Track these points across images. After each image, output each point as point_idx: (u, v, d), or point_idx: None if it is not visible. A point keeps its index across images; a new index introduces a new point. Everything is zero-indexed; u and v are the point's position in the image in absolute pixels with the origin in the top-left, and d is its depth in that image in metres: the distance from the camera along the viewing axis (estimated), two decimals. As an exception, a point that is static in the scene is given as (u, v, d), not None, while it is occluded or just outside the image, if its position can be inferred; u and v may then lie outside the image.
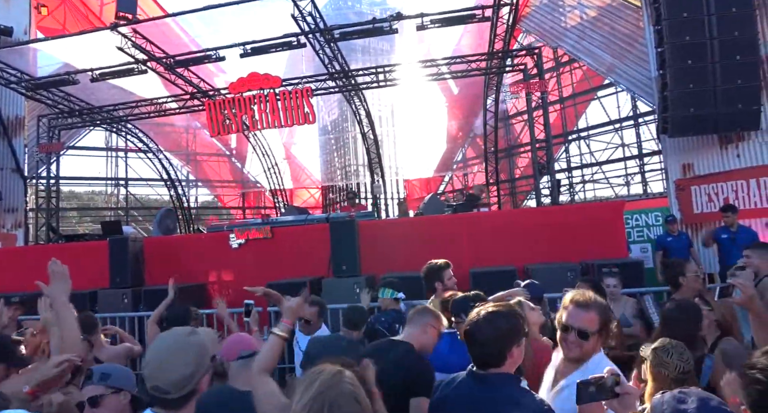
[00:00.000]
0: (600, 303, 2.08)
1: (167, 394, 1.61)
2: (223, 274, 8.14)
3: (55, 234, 12.97)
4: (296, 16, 9.49)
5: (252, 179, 20.95)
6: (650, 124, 14.05)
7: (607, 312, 2.07)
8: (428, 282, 3.82)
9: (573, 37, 12.45)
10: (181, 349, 1.66)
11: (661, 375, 2.13)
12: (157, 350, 1.68)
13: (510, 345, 1.91)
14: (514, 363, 1.95)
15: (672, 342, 2.22)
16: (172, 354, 1.65)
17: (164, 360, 1.64)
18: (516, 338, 1.93)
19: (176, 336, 1.72)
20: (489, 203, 14.80)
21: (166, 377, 1.60)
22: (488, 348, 1.93)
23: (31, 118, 13.63)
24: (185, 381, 1.62)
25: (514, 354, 1.93)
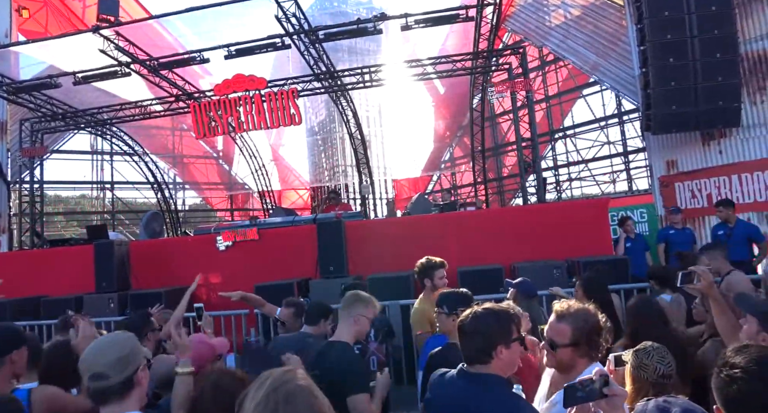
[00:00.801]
0: (577, 314, 1.98)
1: (107, 379, 1.64)
2: (210, 277, 8.09)
3: (39, 239, 12.80)
4: (280, 17, 9.45)
5: (240, 181, 20.84)
6: (635, 122, 14.21)
7: (588, 323, 1.95)
8: (420, 279, 3.83)
9: (557, 36, 12.51)
10: (115, 340, 1.78)
11: (640, 378, 2.09)
12: (93, 345, 1.78)
13: (496, 343, 1.92)
14: (503, 365, 1.95)
15: (654, 345, 2.18)
16: (107, 344, 1.75)
17: (99, 348, 1.73)
18: (503, 338, 1.94)
19: (111, 333, 1.91)
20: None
21: (102, 360, 1.67)
22: (474, 343, 1.97)
23: (14, 122, 13.43)
24: (122, 363, 1.67)
25: (502, 355, 1.93)
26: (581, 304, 2.04)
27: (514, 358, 1.97)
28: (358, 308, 2.83)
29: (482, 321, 1.98)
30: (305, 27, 9.88)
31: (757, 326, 2.11)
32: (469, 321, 2.02)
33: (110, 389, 1.64)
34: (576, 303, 2.05)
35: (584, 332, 1.94)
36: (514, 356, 1.97)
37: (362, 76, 12.09)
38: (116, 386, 1.64)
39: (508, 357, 1.94)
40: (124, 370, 1.66)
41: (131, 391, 1.69)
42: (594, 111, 15.95)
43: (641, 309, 2.97)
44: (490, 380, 1.92)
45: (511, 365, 1.98)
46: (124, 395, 1.66)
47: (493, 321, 1.97)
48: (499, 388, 1.91)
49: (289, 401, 1.23)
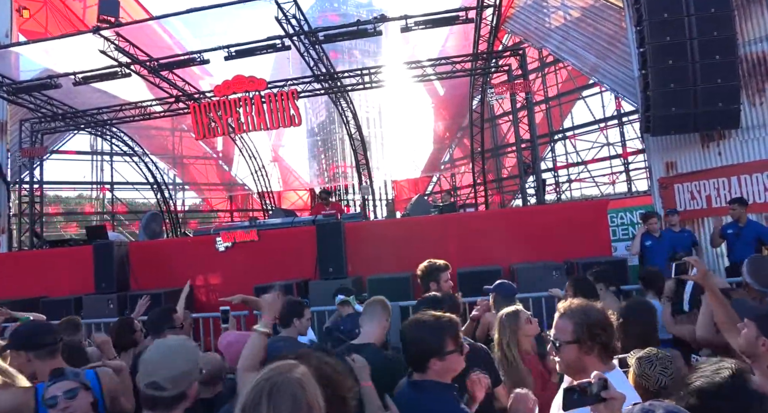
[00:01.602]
0: (578, 309, 1.94)
1: (163, 391, 1.64)
2: (210, 278, 8.11)
3: (39, 239, 12.80)
4: (280, 19, 9.46)
5: (239, 182, 20.84)
6: (634, 123, 14.23)
7: (590, 317, 1.91)
8: (424, 282, 3.80)
9: (557, 38, 12.54)
10: (181, 348, 1.76)
11: (641, 387, 2.06)
12: (157, 349, 1.75)
13: (428, 356, 2.01)
14: (441, 372, 2.02)
15: (658, 354, 2.14)
16: (173, 352, 1.73)
17: (165, 356, 1.71)
18: (434, 352, 2.01)
19: (175, 338, 1.85)
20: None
21: (164, 373, 1.66)
22: (409, 353, 2.09)
23: (14, 123, 13.43)
24: (182, 378, 1.68)
25: (436, 366, 2.01)
26: (585, 301, 2.02)
27: (450, 367, 2.04)
28: (385, 314, 2.87)
29: (416, 333, 2.07)
30: (305, 28, 9.89)
31: (755, 331, 2.11)
32: (406, 330, 2.11)
33: (162, 400, 1.66)
34: (579, 300, 2.04)
35: (585, 326, 1.89)
36: (450, 365, 2.04)
37: (362, 78, 12.10)
38: (169, 399, 1.66)
39: (443, 367, 2.02)
40: (181, 385, 1.67)
41: (180, 404, 1.71)
42: (594, 112, 15.99)
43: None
44: (428, 386, 2.02)
45: (450, 372, 2.05)
46: (172, 407, 1.68)
47: (427, 334, 2.04)
48: (437, 394, 2.00)
49: (273, 392, 1.24)
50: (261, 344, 2.24)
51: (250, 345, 2.23)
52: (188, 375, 1.70)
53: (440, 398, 2.01)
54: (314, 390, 1.31)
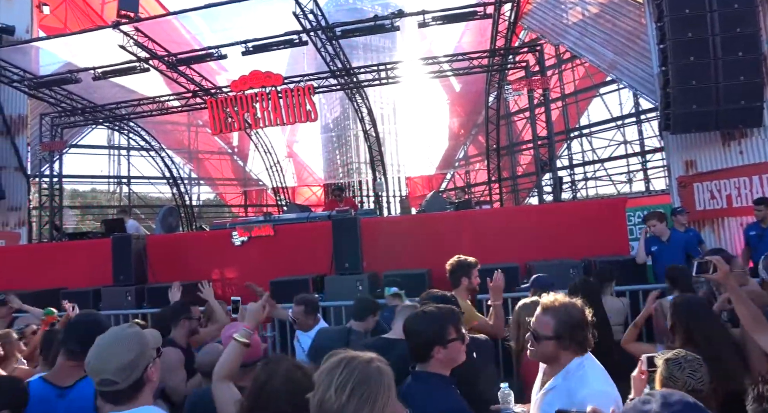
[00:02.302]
0: (561, 308, 2.04)
1: (116, 385, 1.64)
2: (226, 272, 8.18)
3: (58, 232, 13.02)
4: (298, 14, 9.48)
5: (254, 177, 20.95)
6: (652, 121, 14.04)
7: (572, 317, 2.01)
8: (455, 276, 3.80)
9: (575, 34, 12.41)
10: (119, 339, 1.73)
11: (668, 388, 2.00)
12: (95, 346, 1.73)
13: (431, 344, 2.09)
14: (443, 361, 2.11)
15: (687, 356, 2.10)
16: (111, 345, 1.71)
17: (104, 351, 1.70)
18: (437, 340, 2.09)
19: (113, 330, 1.82)
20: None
21: (109, 366, 1.65)
22: (413, 343, 2.16)
23: (34, 117, 13.65)
24: (129, 368, 1.66)
25: (440, 355, 2.09)
26: (567, 298, 2.11)
27: (453, 356, 2.12)
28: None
29: (419, 323, 2.15)
30: (322, 24, 9.90)
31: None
32: (409, 321, 2.22)
33: (120, 392, 1.66)
34: (563, 297, 2.12)
35: (567, 325, 2.00)
36: (453, 354, 2.12)
37: (378, 73, 12.08)
38: (126, 390, 1.66)
39: (446, 356, 2.10)
40: (131, 374, 1.67)
41: (142, 390, 1.71)
42: (611, 110, 15.79)
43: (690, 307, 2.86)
44: (428, 377, 2.10)
45: (452, 361, 2.14)
46: (133, 395, 1.68)
47: (430, 323, 2.13)
48: (435, 384, 2.08)
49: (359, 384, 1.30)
50: (238, 353, 2.26)
51: (227, 354, 2.24)
52: (135, 363, 1.68)
53: (440, 390, 2.07)
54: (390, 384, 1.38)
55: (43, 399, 2.26)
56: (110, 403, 1.67)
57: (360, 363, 1.35)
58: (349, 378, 1.30)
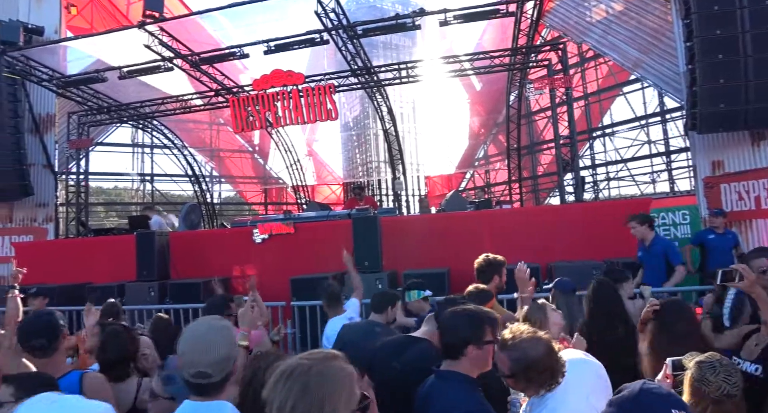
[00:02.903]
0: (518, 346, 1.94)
1: (209, 378, 1.66)
2: (246, 268, 8.26)
3: (84, 228, 13.29)
4: (319, 13, 9.52)
5: (274, 175, 21.13)
6: (678, 121, 13.78)
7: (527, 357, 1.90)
8: (487, 274, 3.77)
9: (598, 32, 12.22)
10: (217, 332, 1.74)
11: (700, 393, 1.91)
12: (192, 337, 1.74)
13: (467, 342, 2.05)
14: (472, 363, 2.07)
15: (722, 360, 1.99)
16: (205, 338, 1.71)
17: (199, 344, 1.70)
18: (473, 338, 2.06)
19: (208, 322, 1.81)
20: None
21: (205, 360, 1.66)
22: (448, 338, 2.13)
23: (62, 115, 13.96)
24: (225, 362, 1.70)
25: (472, 354, 2.05)
26: (533, 333, 2.00)
27: (484, 359, 2.09)
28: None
29: (458, 319, 2.13)
30: (344, 23, 9.92)
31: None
32: (446, 317, 2.19)
33: (212, 386, 1.69)
34: (527, 331, 2.02)
35: (522, 366, 1.92)
36: (484, 357, 2.08)
37: (398, 72, 12.07)
38: (218, 383, 1.69)
39: (478, 356, 2.06)
40: (225, 369, 1.70)
41: (228, 383, 1.74)
42: (635, 109, 15.53)
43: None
44: (454, 377, 2.06)
45: (482, 364, 2.10)
46: (222, 388, 1.72)
47: (468, 320, 2.11)
48: (460, 384, 2.02)
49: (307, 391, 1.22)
50: (242, 356, 2.24)
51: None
52: (228, 357, 1.72)
53: (465, 391, 2.03)
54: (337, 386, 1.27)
55: None
56: (199, 394, 1.69)
57: (299, 373, 1.25)
58: (288, 395, 1.21)
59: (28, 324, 2.49)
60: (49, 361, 2.38)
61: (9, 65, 11.25)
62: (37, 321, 2.49)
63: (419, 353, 2.61)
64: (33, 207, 12.21)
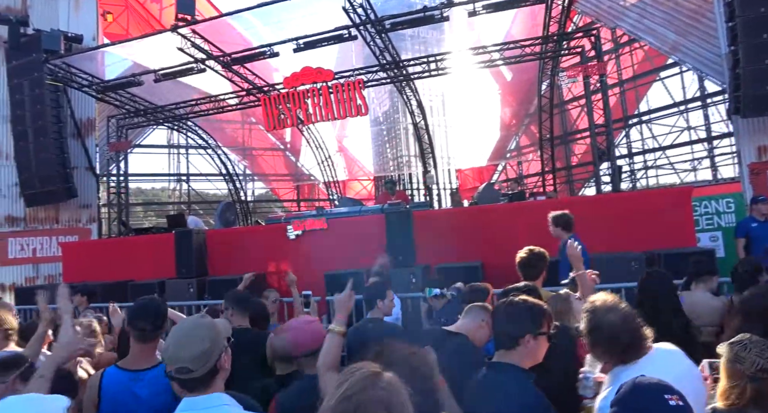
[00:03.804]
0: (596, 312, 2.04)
1: (192, 373, 1.71)
2: (281, 264, 8.39)
3: (125, 227, 13.74)
4: (347, 9, 9.54)
5: (306, 172, 21.34)
6: (719, 105, 13.24)
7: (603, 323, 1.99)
8: (538, 268, 3.71)
9: (633, 16, 11.82)
10: (194, 328, 1.80)
11: (736, 371, 1.92)
12: (173, 335, 1.81)
13: (521, 331, 2.06)
14: (527, 353, 2.07)
15: (752, 338, 2.00)
16: (187, 334, 1.78)
17: (181, 340, 1.76)
18: (528, 327, 2.07)
19: (188, 320, 1.91)
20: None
21: (186, 355, 1.71)
22: (505, 328, 2.13)
23: (101, 119, 14.45)
24: (205, 357, 1.72)
25: (529, 344, 2.06)
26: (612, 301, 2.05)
27: (537, 350, 2.09)
28: (485, 315, 2.83)
29: (516, 309, 2.13)
30: (371, 17, 9.90)
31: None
32: (504, 306, 2.19)
33: (196, 380, 1.73)
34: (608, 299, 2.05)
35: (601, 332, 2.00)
36: (539, 348, 2.09)
37: (428, 65, 11.97)
38: (201, 377, 1.72)
39: (534, 347, 2.07)
40: (206, 363, 1.73)
41: (215, 377, 1.77)
42: (673, 94, 14.98)
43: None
44: (508, 369, 2.06)
45: (535, 356, 2.10)
46: (208, 383, 1.75)
47: (526, 310, 2.12)
48: (514, 376, 2.03)
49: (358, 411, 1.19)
50: (337, 343, 2.29)
51: (327, 345, 2.28)
52: (209, 352, 1.73)
53: (520, 382, 2.01)
54: (401, 401, 1.24)
55: (117, 385, 2.40)
56: (185, 390, 1.74)
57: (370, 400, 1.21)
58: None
59: (138, 309, 2.61)
60: (146, 347, 2.51)
61: (51, 73, 11.69)
62: (147, 306, 2.61)
63: (455, 348, 2.60)
64: (77, 209, 12.69)
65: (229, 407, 1.74)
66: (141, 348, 2.50)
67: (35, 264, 12.03)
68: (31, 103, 11.55)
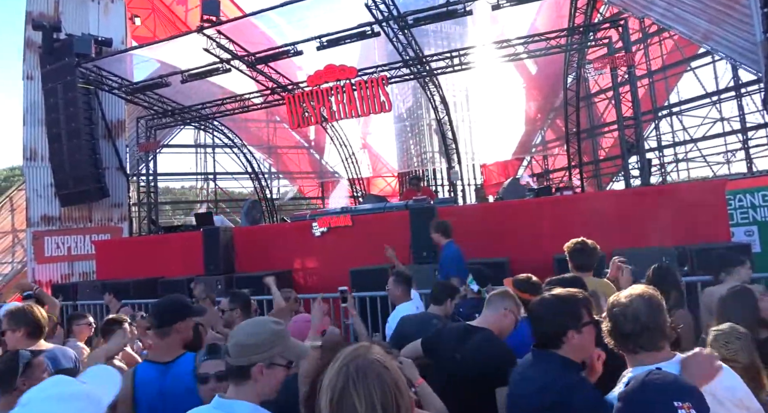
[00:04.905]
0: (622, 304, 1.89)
1: (227, 357, 1.72)
2: (306, 261, 8.47)
3: (155, 226, 14.06)
4: (369, 5, 9.53)
5: (330, 169, 21.46)
6: (754, 95, 12.81)
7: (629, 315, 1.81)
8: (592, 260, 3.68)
9: (662, 5, 11.51)
10: (257, 324, 1.80)
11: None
12: (237, 329, 1.83)
13: (565, 328, 1.94)
14: (574, 349, 1.95)
15: (726, 329, 2.19)
16: (247, 324, 1.81)
17: (242, 328, 1.79)
18: (572, 322, 1.95)
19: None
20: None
21: (233, 340, 1.74)
22: (544, 327, 2.02)
23: (131, 120, 14.81)
24: (244, 349, 1.70)
25: (573, 340, 1.94)
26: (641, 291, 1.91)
27: (585, 342, 1.96)
28: (509, 303, 2.79)
29: (551, 306, 2.02)
30: (394, 13, 9.88)
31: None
32: (538, 306, 2.07)
33: (228, 369, 1.74)
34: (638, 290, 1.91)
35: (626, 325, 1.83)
36: (585, 340, 1.95)
37: (451, 60, 11.89)
38: (232, 368, 1.72)
39: (580, 341, 1.94)
40: (242, 357, 1.70)
41: (244, 380, 1.71)
42: (705, 85, 14.54)
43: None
44: (551, 358, 1.95)
45: (584, 349, 1.97)
46: (236, 380, 1.72)
47: (563, 306, 1.99)
48: (558, 363, 1.93)
49: (359, 376, 1.20)
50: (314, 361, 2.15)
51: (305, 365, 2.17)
52: (251, 348, 1.69)
53: (566, 368, 1.91)
54: (396, 369, 1.27)
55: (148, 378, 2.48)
56: (234, 378, 1.74)
57: (366, 371, 1.22)
58: (371, 399, 1.18)
59: (156, 304, 2.66)
60: (163, 342, 2.54)
61: (83, 76, 12.02)
62: (165, 302, 2.67)
63: (480, 343, 2.58)
64: (109, 208, 13.05)
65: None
66: (163, 341, 2.55)
67: (70, 262, 12.44)
68: (64, 106, 11.91)
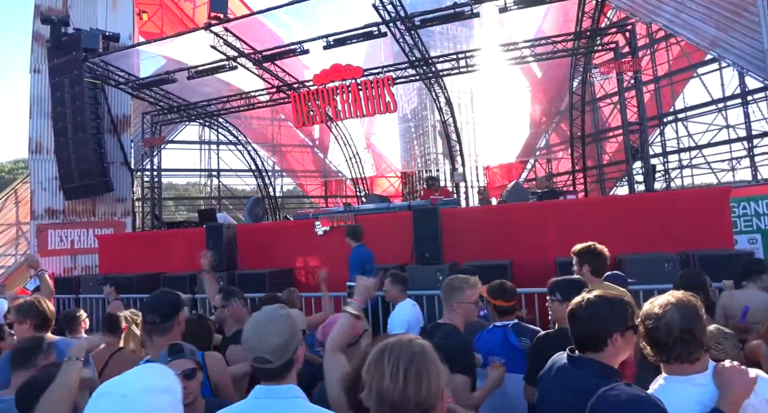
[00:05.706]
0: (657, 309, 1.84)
1: (269, 363, 1.74)
2: (309, 260, 8.46)
3: (158, 221, 14.09)
4: (377, 6, 9.54)
5: (334, 168, 21.48)
6: (761, 102, 12.79)
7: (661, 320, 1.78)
8: (606, 268, 3.70)
9: (670, 11, 11.49)
10: (273, 320, 1.81)
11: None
12: (252, 324, 1.83)
13: (611, 330, 1.87)
14: (615, 353, 1.89)
15: (714, 330, 2.25)
16: (267, 325, 1.79)
17: (261, 331, 1.78)
18: (618, 325, 1.88)
19: (267, 311, 1.89)
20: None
21: (265, 346, 1.74)
22: (589, 330, 1.92)
23: (136, 116, 14.84)
24: (283, 349, 1.75)
25: (617, 343, 1.87)
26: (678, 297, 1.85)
27: (627, 346, 1.91)
28: (456, 297, 2.91)
29: (599, 308, 1.91)
30: (401, 14, 9.89)
31: None
32: (584, 306, 1.95)
33: (272, 371, 1.76)
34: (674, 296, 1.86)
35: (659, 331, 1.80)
36: (627, 344, 1.90)
37: (457, 62, 11.89)
38: (278, 369, 1.75)
39: (622, 344, 1.88)
40: (284, 355, 1.76)
41: (291, 369, 1.80)
42: (711, 91, 14.51)
43: None
44: (589, 363, 1.89)
45: (623, 353, 1.92)
46: (284, 374, 1.78)
47: (610, 307, 1.91)
48: (597, 371, 1.86)
49: (394, 347, 1.36)
50: (349, 324, 2.29)
51: (339, 325, 2.28)
52: (286, 345, 1.76)
53: (606, 376, 1.82)
54: (432, 352, 1.39)
55: None
56: (262, 378, 1.79)
57: (402, 346, 1.37)
58: (398, 363, 1.31)
59: (149, 301, 2.62)
60: (162, 339, 2.50)
61: (90, 71, 12.06)
62: (160, 296, 2.65)
63: (442, 336, 2.68)
64: (113, 202, 13.08)
65: (302, 400, 1.77)
66: (165, 338, 2.50)
67: (73, 255, 12.48)
68: (70, 100, 11.95)
